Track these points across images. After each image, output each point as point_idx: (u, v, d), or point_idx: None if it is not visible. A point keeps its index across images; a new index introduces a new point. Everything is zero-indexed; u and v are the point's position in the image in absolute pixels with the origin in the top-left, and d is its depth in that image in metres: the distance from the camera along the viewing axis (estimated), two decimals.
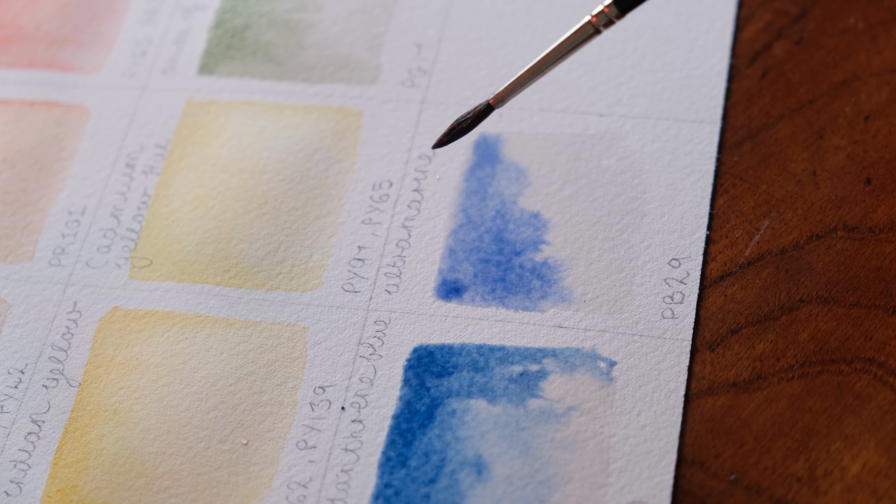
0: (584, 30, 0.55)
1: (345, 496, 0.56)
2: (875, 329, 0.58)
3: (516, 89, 0.56)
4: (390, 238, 0.62)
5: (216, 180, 0.65)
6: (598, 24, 0.55)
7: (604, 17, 0.55)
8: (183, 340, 0.61)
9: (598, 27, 0.55)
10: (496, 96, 0.57)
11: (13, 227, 0.65)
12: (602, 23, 0.55)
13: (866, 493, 0.54)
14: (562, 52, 0.55)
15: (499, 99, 0.57)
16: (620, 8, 0.55)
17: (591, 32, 0.55)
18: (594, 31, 0.55)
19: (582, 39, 0.55)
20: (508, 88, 0.56)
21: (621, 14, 0.55)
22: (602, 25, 0.55)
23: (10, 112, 0.68)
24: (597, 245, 0.61)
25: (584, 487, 0.55)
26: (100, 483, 0.58)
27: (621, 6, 0.55)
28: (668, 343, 0.58)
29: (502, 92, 0.57)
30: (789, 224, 0.61)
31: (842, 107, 0.64)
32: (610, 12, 0.55)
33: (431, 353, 0.59)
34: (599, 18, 0.55)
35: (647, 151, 0.63)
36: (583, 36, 0.55)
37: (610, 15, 0.55)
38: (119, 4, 0.71)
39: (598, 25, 0.55)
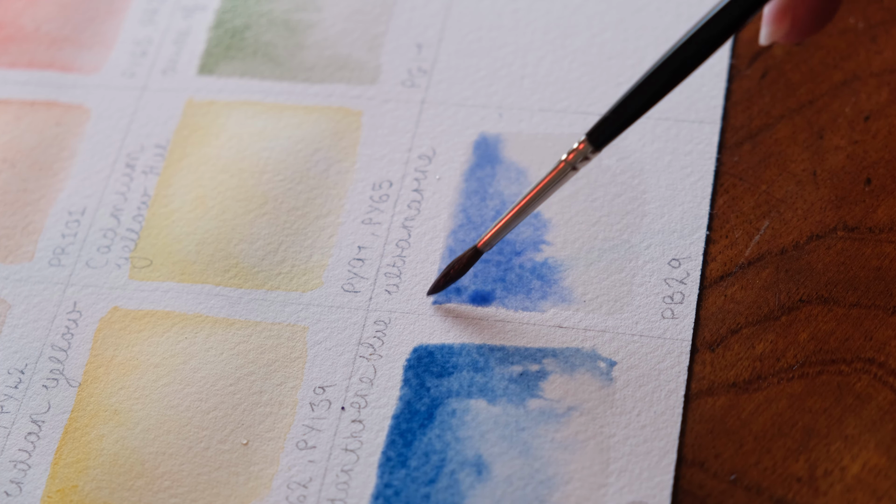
0: (562, 170, 0.57)
1: (345, 496, 0.56)
2: (875, 329, 0.58)
3: (501, 232, 0.58)
4: (390, 238, 0.62)
5: (216, 180, 0.65)
6: (574, 162, 0.56)
7: (580, 155, 0.56)
8: (183, 340, 0.61)
9: (574, 165, 0.56)
10: (482, 241, 0.59)
11: (13, 227, 0.65)
12: (578, 160, 0.56)
13: (866, 493, 0.54)
14: (543, 193, 0.57)
15: (485, 243, 0.59)
16: (595, 144, 0.56)
17: (568, 171, 0.57)
18: (571, 168, 0.56)
19: (561, 178, 0.57)
20: (493, 233, 0.58)
21: (596, 150, 0.56)
22: (578, 162, 0.56)
23: (10, 112, 0.68)
24: (597, 245, 0.61)
25: (584, 487, 0.55)
26: (100, 483, 0.58)
27: (596, 143, 0.56)
28: (668, 343, 0.58)
29: (487, 236, 0.58)
30: (789, 224, 0.61)
31: (842, 107, 0.64)
32: (585, 149, 0.56)
33: (431, 353, 0.59)
34: (575, 156, 0.56)
35: (647, 151, 0.63)
36: (561, 175, 0.57)
37: (585, 152, 0.56)
38: (119, 4, 0.71)
39: (574, 163, 0.56)
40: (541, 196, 0.57)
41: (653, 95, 0.55)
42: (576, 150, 0.56)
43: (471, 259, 0.59)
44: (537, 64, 0.67)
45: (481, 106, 0.66)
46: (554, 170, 0.57)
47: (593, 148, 0.56)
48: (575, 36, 0.67)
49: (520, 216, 0.58)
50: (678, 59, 0.55)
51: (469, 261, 0.59)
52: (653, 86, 0.55)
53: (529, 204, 0.58)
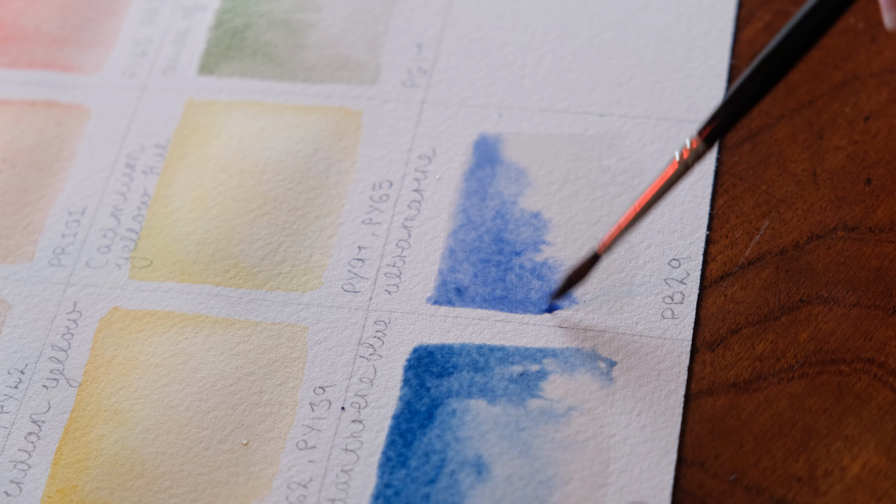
0: (676, 169, 0.56)
1: (345, 496, 0.56)
2: (875, 329, 0.58)
3: (621, 235, 0.57)
4: (390, 238, 0.62)
5: (216, 180, 0.65)
6: (688, 161, 0.55)
7: (693, 154, 0.55)
8: (183, 340, 0.61)
9: (688, 163, 0.55)
10: (602, 245, 0.58)
11: (13, 227, 0.65)
12: (692, 159, 0.55)
13: (866, 493, 0.54)
14: (659, 194, 0.56)
15: (605, 247, 0.58)
16: (709, 142, 0.55)
17: (683, 171, 0.56)
18: (685, 168, 0.55)
19: (676, 178, 0.56)
20: (612, 237, 0.58)
21: (709, 146, 0.55)
22: (692, 160, 0.55)
23: (10, 112, 0.68)
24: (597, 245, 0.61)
25: (584, 487, 0.55)
26: (100, 483, 0.58)
27: (709, 139, 0.55)
28: (668, 343, 0.58)
29: (607, 241, 0.58)
30: (789, 224, 0.61)
31: (842, 107, 0.64)
32: (698, 147, 0.55)
33: (431, 353, 0.59)
34: (690, 155, 0.55)
35: (647, 151, 0.63)
36: (677, 175, 0.56)
37: (699, 150, 0.55)
38: (119, 4, 0.71)
39: (688, 162, 0.55)
40: (657, 197, 0.56)
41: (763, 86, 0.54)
42: (689, 149, 0.55)
43: (590, 264, 0.58)
44: (537, 64, 0.67)
45: (481, 106, 0.66)
46: (668, 170, 0.56)
47: (706, 145, 0.55)
48: (575, 36, 0.67)
49: (638, 219, 0.57)
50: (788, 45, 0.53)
51: (588, 266, 0.58)
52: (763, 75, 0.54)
53: (647, 206, 0.56)
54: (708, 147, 0.55)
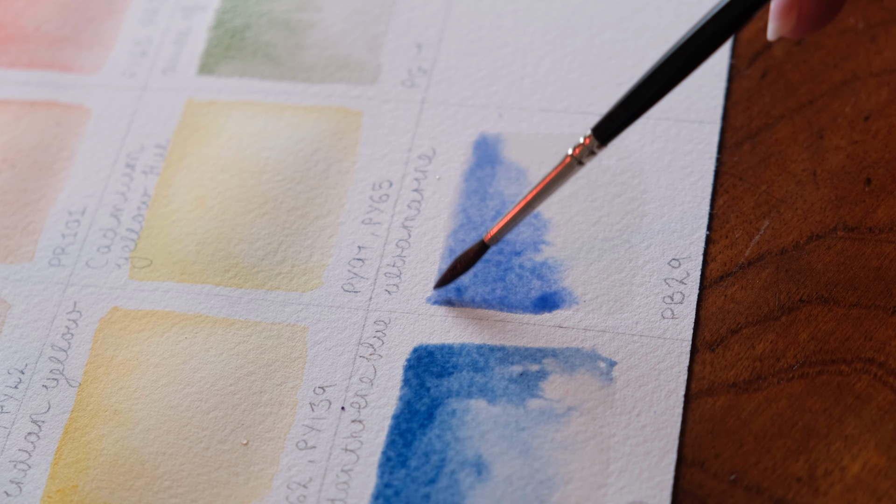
0: (569, 165, 0.57)
1: (345, 496, 0.56)
2: (875, 329, 0.58)
3: (508, 227, 0.59)
4: (390, 238, 0.62)
5: (216, 180, 0.65)
6: (580, 157, 0.57)
7: (586, 150, 0.57)
8: (183, 340, 0.61)
9: (580, 159, 0.57)
10: (489, 235, 0.59)
11: (13, 227, 0.65)
12: (584, 155, 0.57)
13: (866, 493, 0.54)
14: (549, 188, 0.57)
15: (492, 237, 0.59)
16: (601, 139, 0.56)
17: (574, 166, 0.57)
18: (578, 163, 0.57)
19: (567, 173, 0.57)
20: (500, 227, 0.59)
21: (602, 144, 0.56)
22: (585, 157, 0.57)
23: (10, 112, 0.68)
24: (597, 245, 0.61)
25: (584, 487, 0.55)
26: (100, 483, 0.58)
27: (601, 137, 0.56)
28: (668, 343, 0.58)
29: (495, 230, 0.59)
30: (789, 224, 0.61)
31: (842, 107, 0.64)
32: (591, 144, 0.56)
33: (431, 353, 0.59)
34: (581, 151, 0.57)
35: (647, 151, 0.63)
36: (568, 170, 0.57)
37: (591, 146, 0.57)
38: (119, 4, 0.71)
39: (580, 158, 0.57)
40: (547, 191, 0.58)
41: (658, 90, 0.55)
42: (582, 145, 0.57)
43: (477, 253, 0.60)
44: (537, 64, 0.67)
45: (481, 106, 0.66)
46: (560, 165, 0.57)
47: (599, 143, 0.56)
48: (575, 36, 0.67)
49: (526, 211, 0.58)
50: (683, 55, 0.55)
51: (476, 255, 0.60)
52: (658, 81, 0.55)
53: (536, 199, 0.58)
54: (601, 145, 0.56)
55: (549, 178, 0.57)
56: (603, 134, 0.56)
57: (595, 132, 0.56)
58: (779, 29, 0.56)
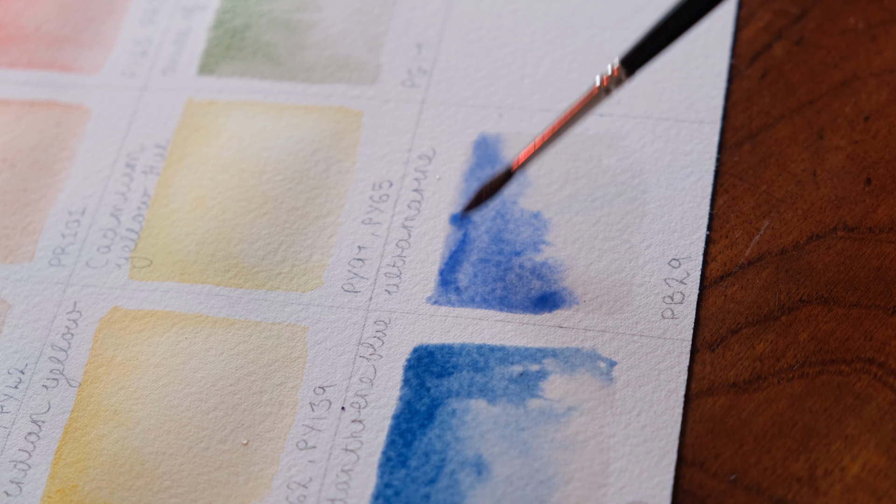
0: (597, 95, 0.57)
1: (345, 496, 0.56)
2: (875, 329, 0.58)
3: (536, 154, 0.59)
4: (390, 238, 0.62)
5: (216, 180, 0.65)
6: (608, 87, 0.57)
7: (614, 80, 0.57)
8: (183, 340, 0.61)
9: (608, 88, 0.57)
10: (516, 162, 0.59)
11: (13, 227, 0.65)
12: (613, 84, 0.57)
13: (866, 493, 0.54)
14: (577, 115, 0.57)
15: (519, 165, 0.59)
16: (629, 69, 0.56)
17: (602, 96, 0.57)
18: (605, 91, 0.57)
19: (595, 102, 0.57)
20: (527, 154, 0.59)
21: (630, 74, 0.57)
22: (612, 86, 0.57)
23: (10, 112, 0.68)
24: (597, 245, 0.61)
25: (584, 487, 0.55)
26: (100, 483, 0.58)
27: (629, 67, 0.56)
28: (668, 343, 0.58)
29: (522, 158, 0.59)
30: (789, 224, 0.61)
31: (842, 107, 0.64)
32: (619, 73, 0.56)
33: (431, 353, 0.59)
34: (610, 81, 0.57)
35: (647, 151, 0.63)
36: (596, 99, 0.57)
37: (619, 76, 0.57)
38: (119, 4, 0.71)
39: (608, 87, 0.57)
40: (574, 120, 0.58)
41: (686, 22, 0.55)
42: (610, 76, 0.57)
43: (503, 179, 0.60)
44: (537, 64, 0.67)
45: (481, 106, 0.66)
46: (588, 94, 0.57)
47: (627, 72, 0.56)
48: (575, 36, 0.67)
49: (554, 138, 0.58)
50: None
51: (502, 181, 0.60)
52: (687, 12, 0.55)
53: (564, 127, 0.58)
54: (628, 74, 0.56)
55: (577, 107, 0.57)
56: (631, 64, 0.56)
57: (623, 62, 0.56)
58: None
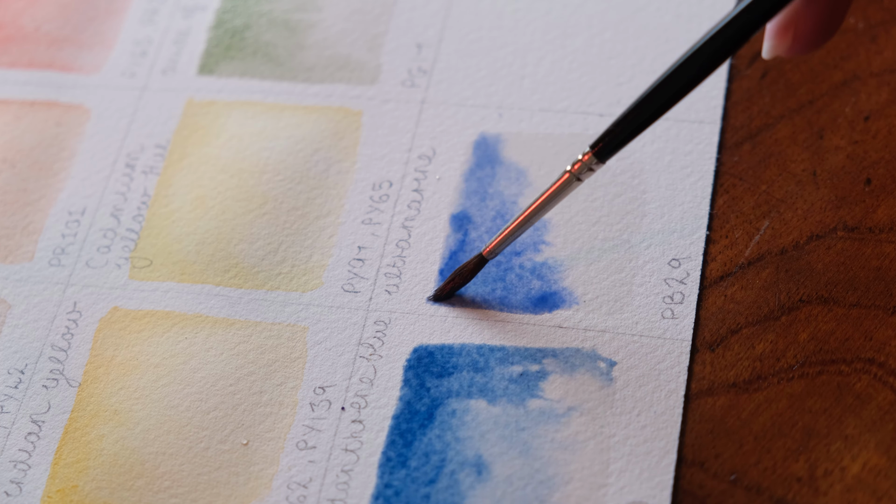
0: (567, 181, 0.57)
1: (345, 496, 0.56)
2: (875, 329, 0.58)
3: (506, 240, 0.59)
4: (390, 238, 0.62)
5: (216, 180, 0.65)
6: (578, 174, 0.57)
7: (584, 167, 0.57)
8: (183, 340, 0.61)
9: (578, 176, 0.57)
10: (488, 248, 0.59)
11: (13, 227, 0.65)
12: (583, 171, 0.57)
13: (866, 493, 0.54)
14: (547, 203, 0.58)
15: (491, 251, 0.59)
16: (600, 157, 0.57)
17: (573, 182, 0.57)
18: (576, 179, 0.57)
19: (565, 189, 0.57)
20: (499, 241, 0.59)
21: (601, 162, 0.57)
22: (583, 174, 0.57)
23: (10, 112, 0.68)
24: (597, 245, 0.61)
25: (584, 487, 0.56)
26: (100, 483, 0.58)
27: (599, 155, 0.56)
28: (668, 343, 0.58)
29: (493, 244, 0.59)
30: (789, 224, 0.61)
31: (842, 107, 0.64)
32: (589, 161, 0.57)
33: (431, 353, 0.59)
34: (580, 168, 0.57)
35: (647, 151, 0.63)
36: (566, 185, 0.57)
37: (589, 163, 0.57)
38: (119, 4, 0.71)
39: (578, 174, 0.57)
40: (545, 206, 0.58)
41: (656, 110, 0.56)
42: (580, 162, 0.57)
43: (476, 267, 0.60)
44: (537, 64, 0.67)
45: (481, 106, 0.66)
46: (559, 181, 0.57)
47: (598, 160, 0.56)
48: (575, 36, 0.67)
49: (524, 225, 0.58)
50: (682, 75, 0.55)
51: (474, 268, 0.60)
52: (656, 100, 0.55)
53: (534, 213, 0.58)
54: (599, 162, 0.56)
55: (547, 194, 0.58)
56: (601, 152, 0.56)
57: (594, 150, 0.56)
58: (774, 48, 0.56)
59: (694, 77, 0.55)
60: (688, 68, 0.55)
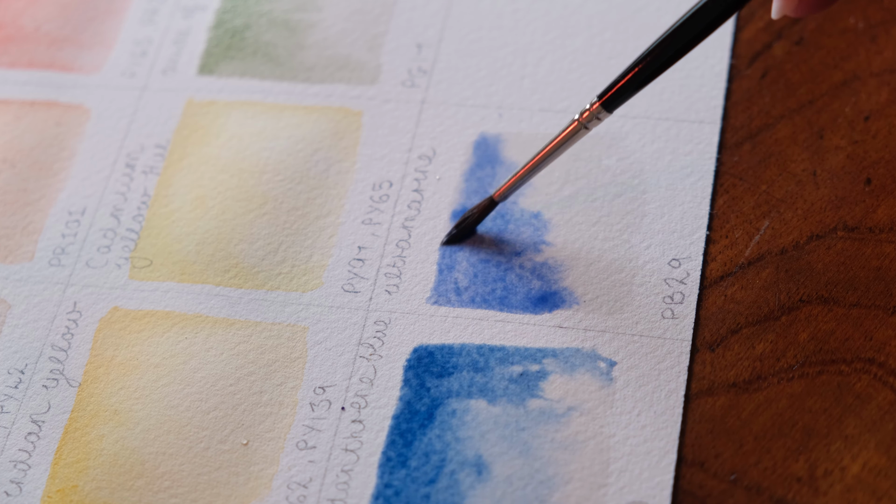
0: (575, 129, 0.59)
1: (345, 496, 0.56)
2: (875, 329, 0.58)
3: (516, 185, 0.60)
4: (390, 238, 0.62)
5: (216, 180, 0.65)
6: (586, 122, 0.58)
7: (592, 116, 0.58)
8: (183, 340, 0.61)
9: (585, 125, 0.58)
10: (499, 192, 0.61)
11: (13, 227, 0.65)
12: (590, 121, 0.58)
13: (866, 493, 0.54)
14: (555, 151, 0.59)
15: (501, 194, 0.61)
16: (607, 107, 0.58)
17: (580, 130, 0.59)
18: (583, 128, 0.58)
19: (573, 137, 0.59)
20: (509, 185, 0.60)
21: (607, 112, 0.58)
22: (590, 123, 0.58)
23: (10, 112, 0.68)
24: (597, 245, 0.61)
25: (584, 487, 0.56)
26: (100, 483, 0.58)
27: (607, 105, 0.58)
28: (668, 343, 0.58)
29: (504, 188, 0.61)
30: (789, 224, 0.61)
31: (842, 107, 0.64)
32: (597, 111, 0.58)
33: (431, 353, 0.59)
34: (588, 117, 0.58)
35: (647, 151, 0.63)
36: (573, 134, 0.59)
37: (597, 113, 0.58)
38: (119, 4, 0.71)
39: (585, 123, 0.58)
40: (553, 153, 0.59)
41: (664, 62, 0.57)
42: (589, 111, 0.58)
43: (486, 209, 0.61)
44: (537, 64, 0.67)
45: (481, 106, 0.66)
46: (567, 129, 0.59)
47: (605, 110, 0.58)
48: (575, 36, 0.67)
49: (533, 171, 0.60)
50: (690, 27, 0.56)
51: (484, 210, 0.61)
52: (664, 52, 0.56)
53: (543, 160, 0.59)
54: (606, 112, 0.58)
55: (555, 142, 0.59)
56: (608, 102, 0.58)
57: (601, 99, 0.58)
58: (782, 7, 0.57)
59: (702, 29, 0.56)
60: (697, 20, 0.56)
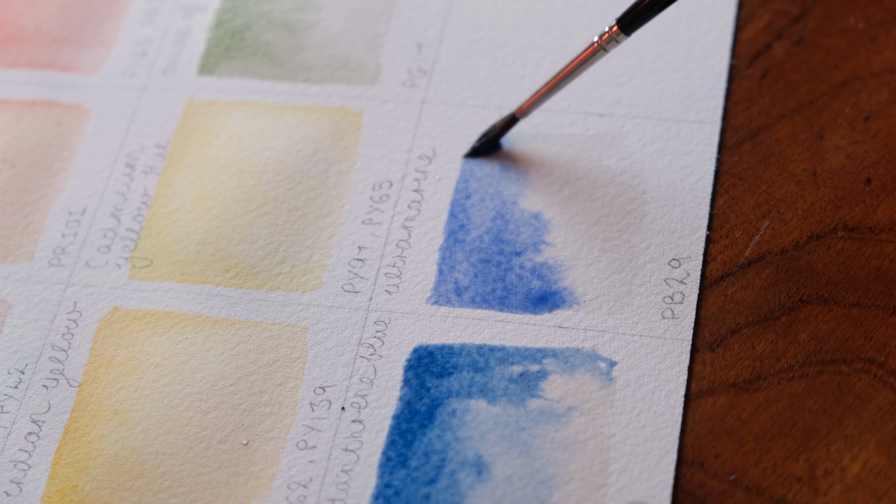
0: (594, 51, 0.60)
1: (345, 496, 0.56)
2: (875, 329, 0.58)
3: (537, 102, 0.62)
4: (390, 238, 0.62)
5: (216, 180, 0.65)
6: (604, 44, 0.60)
7: (610, 38, 0.60)
8: (183, 340, 0.61)
9: (604, 46, 0.60)
10: (520, 109, 0.63)
11: (13, 227, 0.65)
12: (608, 43, 0.60)
13: (866, 493, 0.54)
14: (575, 71, 0.61)
15: (523, 111, 0.63)
16: (625, 29, 0.59)
17: (599, 52, 0.60)
18: (602, 49, 0.60)
19: (592, 58, 0.61)
20: (531, 102, 0.62)
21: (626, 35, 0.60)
22: (609, 45, 0.60)
23: (10, 112, 0.68)
24: (597, 245, 0.61)
25: (584, 487, 0.56)
26: (100, 483, 0.58)
27: (625, 28, 0.59)
28: (668, 343, 0.58)
29: (525, 105, 0.63)
30: (789, 224, 0.61)
31: (842, 107, 0.64)
32: (616, 34, 0.60)
33: (431, 353, 0.59)
34: (607, 40, 0.60)
35: (647, 151, 0.63)
36: (592, 54, 0.60)
37: (615, 36, 0.60)
38: (119, 4, 0.71)
39: (604, 45, 0.60)
40: (573, 73, 0.61)
41: None
42: (608, 33, 0.59)
43: (507, 124, 0.63)
44: (537, 64, 0.67)
45: (481, 106, 0.66)
46: (587, 50, 0.60)
47: (623, 33, 0.59)
48: (575, 36, 0.67)
49: (553, 90, 0.62)
50: None
51: (506, 126, 0.63)
52: None
53: (563, 80, 0.61)
54: (625, 35, 0.59)
55: (576, 63, 0.61)
56: (626, 25, 0.59)
57: (620, 23, 0.59)
58: None
59: None
60: None
